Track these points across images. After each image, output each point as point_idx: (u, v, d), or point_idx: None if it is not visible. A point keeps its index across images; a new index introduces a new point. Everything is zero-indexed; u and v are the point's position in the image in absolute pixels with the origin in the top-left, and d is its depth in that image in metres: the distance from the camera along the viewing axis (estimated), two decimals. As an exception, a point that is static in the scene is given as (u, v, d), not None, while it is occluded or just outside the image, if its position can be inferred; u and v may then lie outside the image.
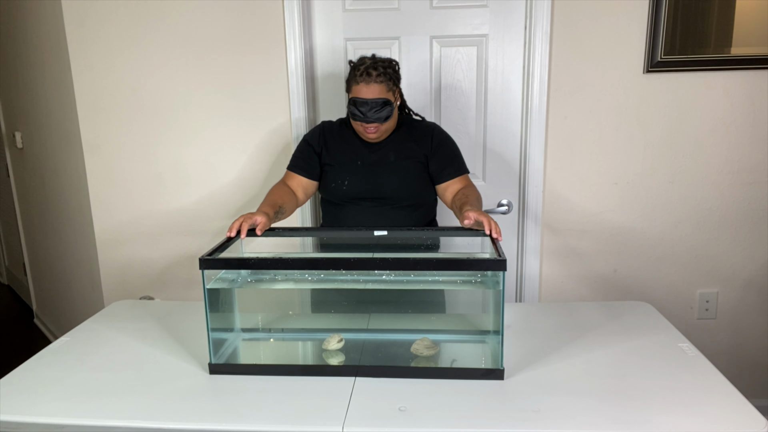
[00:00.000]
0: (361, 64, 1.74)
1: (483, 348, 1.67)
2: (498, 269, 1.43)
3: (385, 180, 1.84)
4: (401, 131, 1.87)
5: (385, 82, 1.72)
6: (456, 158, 1.88)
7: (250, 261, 1.49)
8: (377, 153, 1.85)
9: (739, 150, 2.19)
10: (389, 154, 1.85)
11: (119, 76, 2.27)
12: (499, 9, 2.18)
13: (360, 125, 1.77)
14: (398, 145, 1.85)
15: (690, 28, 2.08)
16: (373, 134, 1.78)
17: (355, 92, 1.74)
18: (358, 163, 1.85)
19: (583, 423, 1.25)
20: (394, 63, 1.79)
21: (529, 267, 2.34)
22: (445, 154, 1.86)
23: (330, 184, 1.87)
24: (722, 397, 1.33)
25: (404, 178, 1.84)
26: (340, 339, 1.59)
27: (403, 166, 1.84)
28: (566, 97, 2.18)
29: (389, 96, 1.74)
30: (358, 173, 1.84)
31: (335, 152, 1.87)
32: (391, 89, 1.75)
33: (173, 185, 2.36)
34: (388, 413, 1.30)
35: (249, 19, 2.18)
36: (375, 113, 1.72)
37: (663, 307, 2.25)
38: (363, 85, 1.71)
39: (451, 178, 1.84)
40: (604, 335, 1.64)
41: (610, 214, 2.28)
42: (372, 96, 1.71)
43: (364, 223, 1.86)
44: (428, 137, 1.87)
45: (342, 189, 1.85)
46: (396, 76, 1.77)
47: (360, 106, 1.73)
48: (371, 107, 1.72)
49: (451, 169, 1.85)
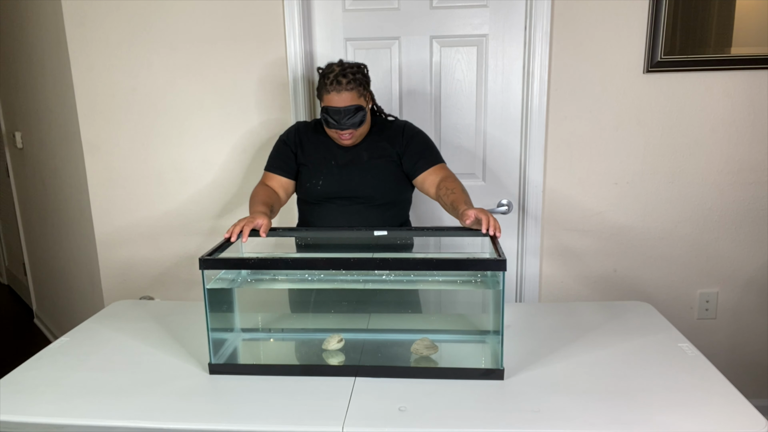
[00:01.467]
0: (330, 72, 1.75)
1: (483, 348, 1.67)
2: (498, 269, 1.43)
3: (358, 179, 1.84)
4: (373, 131, 1.88)
5: (355, 89, 1.73)
6: (428, 149, 1.87)
7: (250, 261, 1.49)
8: (351, 152, 1.86)
9: (739, 150, 2.19)
10: (362, 153, 1.85)
11: (119, 76, 2.27)
12: (499, 9, 2.18)
13: (335, 132, 1.79)
14: (371, 144, 1.86)
15: (690, 28, 2.08)
16: (348, 140, 1.80)
17: (327, 101, 1.75)
18: (332, 162, 1.85)
19: (583, 423, 1.25)
20: (363, 67, 1.80)
21: (529, 267, 2.34)
22: (417, 148, 1.86)
23: (305, 183, 1.88)
24: (722, 397, 1.33)
25: (377, 176, 1.85)
26: (340, 339, 1.59)
27: (376, 165, 1.85)
28: (566, 97, 2.18)
29: (361, 101, 1.76)
30: (332, 173, 1.85)
31: (310, 152, 1.88)
32: (362, 94, 1.76)
33: (173, 185, 2.36)
34: (388, 413, 1.30)
35: (249, 19, 2.18)
36: (348, 120, 1.74)
37: (663, 307, 2.25)
38: (334, 93, 1.72)
39: (425, 168, 1.84)
40: (604, 335, 1.64)
41: (610, 214, 2.28)
42: (344, 104, 1.73)
43: (337, 221, 1.86)
44: (399, 134, 1.87)
45: (316, 189, 1.85)
46: (366, 81, 1.78)
47: (333, 115, 1.74)
48: (344, 115, 1.73)
49: (425, 160, 1.85)
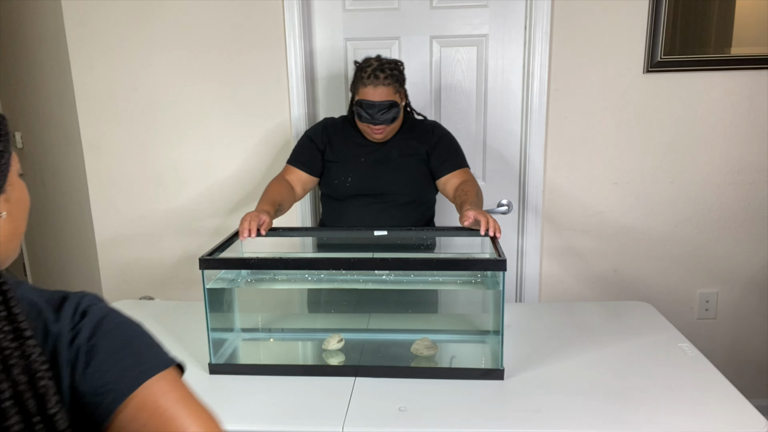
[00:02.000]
0: (368, 66, 1.75)
1: (483, 348, 1.67)
2: (498, 269, 1.43)
3: (387, 177, 1.85)
4: (403, 129, 1.88)
5: (392, 84, 1.73)
6: (455, 152, 1.89)
7: (250, 261, 1.49)
8: (380, 150, 1.86)
9: (739, 150, 2.19)
10: (392, 151, 1.86)
11: (119, 76, 2.27)
12: (499, 9, 2.18)
13: (367, 126, 1.79)
14: (400, 142, 1.86)
15: (690, 28, 2.07)
16: (379, 135, 1.80)
17: (362, 94, 1.74)
18: (362, 160, 1.86)
19: (583, 423, 1.25)
20: (400, 64, 1.80)
21: (529, 267, 2.34)
22: (444, 149, 1.87)
23: (333, 180, 1.87)
24: (722, 397, 1.33)
25: (406, 174, 1.85)
26: (340, 339, 1.59)
27: (405, 163, 1.85)
28: (566, 97, 2.18)
29: (396, 98, 1.76)
30: (361, 170, 1.85)
31: (339, 149, 1.88)
32: (397, 91, 1.76)
33: (173, 185, 2.36)
34: (388, 413, 1.30)
35: (249, 18, 2.18)
36: (382, 115, 1.74)
37: (663, 307, 2.24)
38: (371, 87, 1.72)
39: (450, 171, 1.85)
40: (604, 335, 1.64)
41: (610, 214, 2.28)
42: (379, 98, 1.72)
43: (364, 218, 1.86)
44: (429, 133, 1.88)
45: (345, 185, 1.86)
46: (402, 78, 1.79)
47: (367, 109, 1.74)
48: (379, 109, 1.73)
49: (451, 163, 1.86)
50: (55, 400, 0.56)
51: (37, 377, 0.55)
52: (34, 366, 0.55)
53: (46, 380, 0.56)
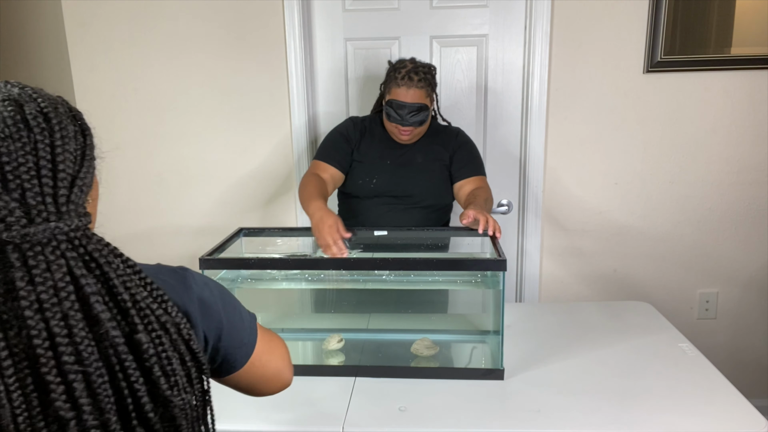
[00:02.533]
0: (402, 67, 1.75)
1: (483, 348, 1.67)
2: (498, 269, 1.43)
3: (412, 180, 1.86)
4: (428, 134, 1.89)
5: (424, 88, 1.74)
6: (475, 159, 1.90)
7: (250, 261, 1.49)
8: (406, 154, 1.87)
9: (739, 150, 2.19)
10: (417, 155, 1.87)
11: (120, 76, 2.27)
12: (499, 9, 2.18)
13: (395, 127, 1.79)
14: (425, 147, 1.88)
15: (690, 28, 2.07)
16: (406, 137, 1.81)
17: (395, 95, 1.75)
18: (387, 162, 1.87)
19: (583, 423, 1.25)
20: (433, 69, 1.81)
21: (529, 267, 2.34)
22: (465, 155, 1.89)
23: (357, 180, 1.88)
24: (722, 397, 1.33)
25: (430, 178, 1.87)
26: (340, 339, 1.59)
27: (429, 167, 1.87)
28: (566, 97, 2.18)
29: (427, 101, 1.76)
30: (387, 172, 1.86)
31: (365, 150, 1.88)
32: (429, 95, 1.77)
33: (173, 185, 2.36)
34: (388, 413, 1.30)
35: (249, 18, 2.18)
36: (412, 117, 1.75)
37: (663, 307, 2.24)
38: (404, 88, 1.73)
39: (466, 176, 1.86)
40: (604, 335, 1.64)
41: (610, 214, 2.28)
42: (411, 100, 1.73)
43: (384, 219, 1.87)
44: (453, 139, 1.90)
45: (370, 186, 1.86)
46: (434, 82, 1.80)
47: (398, 109, 1.74)
48: (409, 111, 1.74)
49: (468, 169, 1.87)
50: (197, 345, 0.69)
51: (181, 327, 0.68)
52: (176, 320, 0.67)
53: (187, 329, 0.68)
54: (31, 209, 0.59)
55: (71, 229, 0.61)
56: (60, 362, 0.57)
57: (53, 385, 0.56)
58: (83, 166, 0.68)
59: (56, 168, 0.62)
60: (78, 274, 0.60)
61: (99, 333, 0.60)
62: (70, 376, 0.57)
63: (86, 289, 0.60)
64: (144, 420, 0.62)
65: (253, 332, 0.85)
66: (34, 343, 0.56)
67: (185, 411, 0.65)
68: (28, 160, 0.60)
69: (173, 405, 0.64)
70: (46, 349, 0.57)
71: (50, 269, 0.58)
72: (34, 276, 0.58)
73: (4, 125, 0.60)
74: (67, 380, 0.57)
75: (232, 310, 0.82)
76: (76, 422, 0.57)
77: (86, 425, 0.57)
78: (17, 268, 0.57)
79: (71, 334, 0.58)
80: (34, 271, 0.58)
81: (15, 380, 0.56)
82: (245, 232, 1.74)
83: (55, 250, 0.59)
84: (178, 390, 0.64)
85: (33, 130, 0.62)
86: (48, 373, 0.56)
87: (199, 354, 0.69)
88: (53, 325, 0.57)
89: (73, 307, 0.59)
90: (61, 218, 0.61)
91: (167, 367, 0.64)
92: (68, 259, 0.60)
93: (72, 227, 0.61)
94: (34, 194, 0.60)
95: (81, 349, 0.58)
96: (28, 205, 0.59)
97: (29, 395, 0.56)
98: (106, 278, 0.62)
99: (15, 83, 0.67)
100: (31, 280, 0.58)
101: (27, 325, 0.56)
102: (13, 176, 0.59)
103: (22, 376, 0.56)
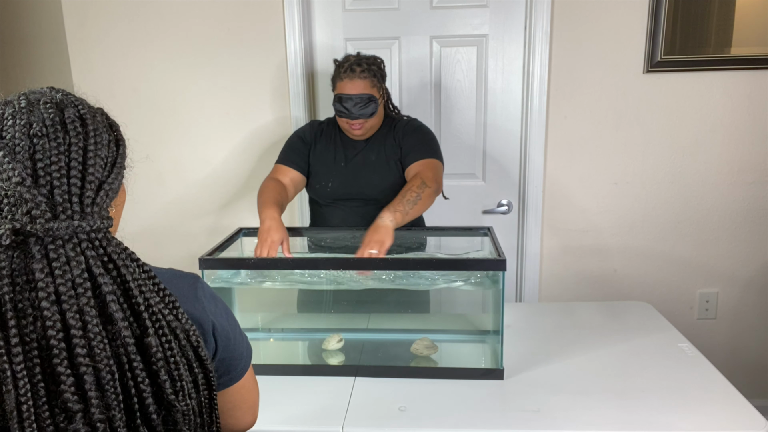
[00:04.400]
0: (346, 61, 1.74)
1: (483, 348, 1.67)
2: (498, 269, 1.43)
3: (367, 180, 1.81)
4: (383, 130, 1.85)
5: (369, 78, 1.71)
6: (423, 144, 1.81)
7: (250, 261, 1.49)
8: (359, 154, 1.83)
9: (739, 150, 2.19)
10: (370, 154, 1.83)
11: (119, 76, 2.27)
12: (499, 9, 2.18)
13: (345, 122, 1.76)
14: (380, 144, 1.83)
15: (690, 28, 2.07)
16: (358, 131, 1.76)
17: (340, 88, 1.73)
18: (341, 164, 1.83)
19: (583, 423, 1.25)
20: (379, 60, 1.78)
21: (529, 267, 2.34)
22: (412, 141, 1.81)
23: (315, 185, 1.86)
24: (722, 397, 1.33)
25: (386, 178, 1.81)
26: (340, 339, 1.59)
27: (384, 165, 1.82)
28: (566, 97, 2.18)
29: (374, 92, 1.73)
30: (341, 174, 1.82)
31: (320, 153, 1.85)
32: (375, 85, 1.73)
33: (173, 185, 2.36)
34: (388, 413, 1.30)
35: (249, 18, 2.18)
36: (359, 109, 1.71)
37: (663, 307, 2.25)
38: (347, 80, 1.71)
39: (413, 161, 1.77)
40: (604, 335, 1.64)
41: (610, 214, 2.28)
42: (356, 91, 1.70)
43: (348, 222, 1.84)
44: (401, 130, 1.83)
45: (326, 190, 1.84)
46: (381, 73, 1.76)
47: (345, 102, 1.71)
48: (356, 103, 1.71)
49: (413, 155, 1.78)
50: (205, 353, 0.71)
51: (190, 334, 0.69)
52: (186, 326, 0.69)
53: (196, 336, 0.70)
54: (57, 206, 0.62)
55: (92, 230, 0.64)
56: (72, 355, 0.59)
57: (63, 377, 0.58)
58: (112, 173, 0.70)
59: (86, 170, 0.66)
60: (96, 273, 0.62)
61: (112, 332, 0.62)
62: (81, 369, 0.59)
63: (103, 287, 0.62)
64: (147, 421, 0.63)
65: (250, 348, 0.88)
66: (48, 334, 0.58)
67: (188, 416, 0.67)
68: (60, 160, 0.64)
69: (176, 409, 0.65)
70: (59, 340, 0.58)
71: (69, 264, 0.61)
72: (54, 269, 0.60)
73: (43, 125, 0.64)
74: (78, 373, 0.58)
75: (235, 323, 0.85)
76: (83, 415, 0.58)
77: (93, 419, 0.59)
78: (38, 260, 0.60)
79: (85, 328, 0.60)
80: (54, 264, 0.60)
81: (23, 368, 0.57)
82: (245, 232, 1.74)
83: (75, 247, 0.62)
84: (183, 395, 0.66)
85: (69, 133, 0.66)
86: (59, 365, 0.58)
87: (207, 361, 0.71)
88: (69, 318, 0.59)
89: (89, 303, 0.61)
90: (84, 218, 0.64)
91: (174, 371, 0.65)
92: (87, 258, 0.62)
93: (93, 227, 0.64)
94: (61, 192, 0.63)
95: (94, 344, 0.60)
96: (54, 201, 0.62)
97: (36, 384, 0.58)
98: (122, 280, 0.64)
99: (59, 90, 0.71)
100: (50, 273, 0.60)
101: (43, 315, 0.58)
102: (44, 173, 0.62)
103: (31, 365, 0.58)
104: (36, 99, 0.67)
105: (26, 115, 0.65)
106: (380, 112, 1.80)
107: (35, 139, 0.63)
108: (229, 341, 0.81)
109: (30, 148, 0.63)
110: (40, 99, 0.67)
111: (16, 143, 0.63)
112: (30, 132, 0.63)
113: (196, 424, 0.69)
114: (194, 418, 0.68)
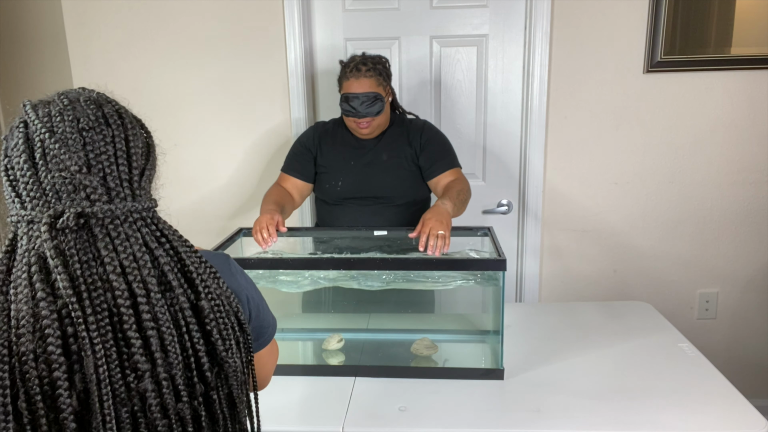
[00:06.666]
0: (351, 61, 1.77)
1: (483, 348, 1.67)
2: (498, 269, 1.43)
3: (377, 180, 1.84)
4: (393, 130, 1.87)
5: (375, 77, 1.74)
6: (446, 153, 1.86)
7: (251, 261, 1.49)
8: (369, 153, 1.85)
9: (739, 150, 2.19)
10: (381, 153, 1.84)
11: (119, 75, 2.27)
12: (499, 9, 2.18)
13: (352, 121, 1.78)
14: (390, 144, 1.85)
15: (690, 28, 2.07)
16: (365, 129, 1.78)
17: (346, 88, 1.75)
18: (351, 163, 1.84)
19: (583, 423, 1.25)
20: (384, 59, 1.80)
21: (529, 267, 2.34)
22: (434, 150, 1.85)
23: (324, 184, 1.87)
24: (722, 397, 1.33)
25: (396, 177, 1.84)
26: (340, 339, 1.59)
27: (394, 165, 1.84)
28: (566, 97, 2.18)
29: (380, 90, 1.75)
30: (351, 174, 1.84)
31: (328, 153, 1.87)
32: (381, 84, 1.75)
33: (173, 186, 2.35)
34: (388, 413, 1.30)
35: (249, 18, 2.18)
36: (366, 107, 1.73)
37: (663, 307, 2.25)
38: (353, 80, 1.73)
39: (441, 172, 1.83)
40: (604, 335, 1.64)
41: (610, 214, 2.28)
42: (362, 90, 1.72)
43: (358, 221, 1.86)
44: (418, 134, 1.86)
45: (336, 190, 1.85)
46: (386, 72, 1.78)
47: (351, 101, 1.73)
48: (362, 101, 1.72)
49: (440, 164, 1.83)
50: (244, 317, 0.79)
51: (231, 300, 0.77)
52: (227, 293, 0.77)
53: (236, 302, 0.78)
54: (111, 190, 0.70)
55: (144, 209, 0.73)
56: (140, 320, 0.66)
57: (134, 340, 0.65)
58: (149, 160, 0.80)
59: (130, 158, 0.74)
60: (153, 246, 0.71)
61: (170, 298, 0.70)
62: (148, 332, 0.66)
63: (160, 259, 0.71)
64: (202, 377, 0.71)
65: (275, 319, 0.98)
66: (118, 302, 0.66)
67: (236, 373, 0.75)
68: (108, 150, 0.71)
69: (228, 365, 0.73)
70: (128, 308, 0.66)
71: (129, 241, 0.69)
72: (117, 246, 0.68)
73: (88, 119, 0.71)
74: (145, 335, 0.66)
75: (261, 297, 0.95)
76: (150, 374, 0.66)
77: (159, 377, 0.66)
78: (101, 239, 0.68)
79: (149, 296, 0.67)
80: (116, 241, 0.68)
81: (98, 335, 0.64)
82: (245, 232, 1.74)
83: (132, 225, 0.70)
84: (231, 353, 0.74)
85: (111, 126, 0.73)
86: (129, 329, 0.65)
87: (245, 324, 0.79)
88: (135, 287, 0.67)
89: (150, 273, 0.69)
90: (136, 199, 0.73)
91: (224, 331, 0.73)
92: (143, 234, 0.71)
93: (144, 207, 0.73)
94: (113, 177, 0.71)
95: (156, 310, 0.67)
96: (108, 186, 0.70)
97: (109, 349, 0.64)
98: (175, 251, 0.73)
99: (92, 90, 0.78)
100: (114, 249, 0.68)
101: (113, 287, 0.66)
102: (96, 162, 0.70)
103: (104, 332, 0.64)
104: (75, 98, 0.74)
105: (71, 112, 0.71)
106: (387, 111, 1.81)
107: (84, 133, 0.70)
108: (260, 312, 0.91)
109: (80, 141, 0.70)
110: (79, 98, 0.74)
111: (68, 137, 0.70)
112: (78, 126, 0.70)
113: (240, 381, 0.76)
114: (240, 376, 0.76)
